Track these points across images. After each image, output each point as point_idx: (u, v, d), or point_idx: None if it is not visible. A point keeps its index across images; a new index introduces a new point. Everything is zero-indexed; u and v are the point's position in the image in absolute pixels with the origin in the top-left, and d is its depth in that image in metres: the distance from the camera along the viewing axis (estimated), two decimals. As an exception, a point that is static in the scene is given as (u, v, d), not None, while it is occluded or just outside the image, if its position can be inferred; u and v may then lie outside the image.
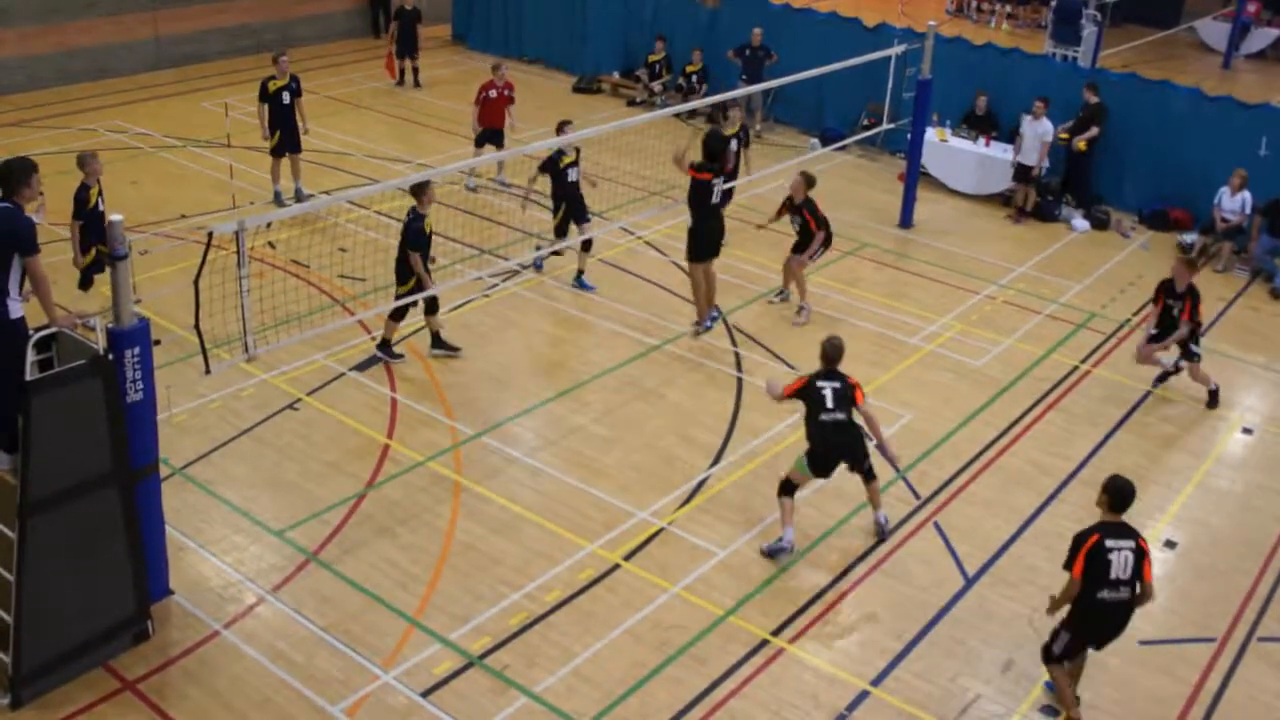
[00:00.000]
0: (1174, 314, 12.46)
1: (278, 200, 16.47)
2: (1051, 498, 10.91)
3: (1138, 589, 7.90)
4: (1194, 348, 12.59)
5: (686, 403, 12.16)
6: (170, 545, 9.12)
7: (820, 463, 9.80)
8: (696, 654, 8.74)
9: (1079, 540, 7.90)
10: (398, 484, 10.59)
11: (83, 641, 8.18)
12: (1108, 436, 11.99)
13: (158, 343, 8.43)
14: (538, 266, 14.92)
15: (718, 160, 12.78)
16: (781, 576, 9.63)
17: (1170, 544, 10.38)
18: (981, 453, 11.56)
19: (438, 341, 12.67)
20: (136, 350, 8.13)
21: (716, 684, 8.47)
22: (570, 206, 14.29)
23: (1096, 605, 7.87)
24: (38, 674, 7.97)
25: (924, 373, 12.99)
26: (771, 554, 9.82)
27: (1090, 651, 8.28)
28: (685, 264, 13.41)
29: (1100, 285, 15.64)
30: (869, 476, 10.03)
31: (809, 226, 13.83)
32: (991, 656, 8.88)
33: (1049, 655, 8.24)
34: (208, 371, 8.96)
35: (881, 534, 10.14)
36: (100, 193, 12.65)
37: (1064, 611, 8.11)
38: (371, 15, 26.88)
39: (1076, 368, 13.35)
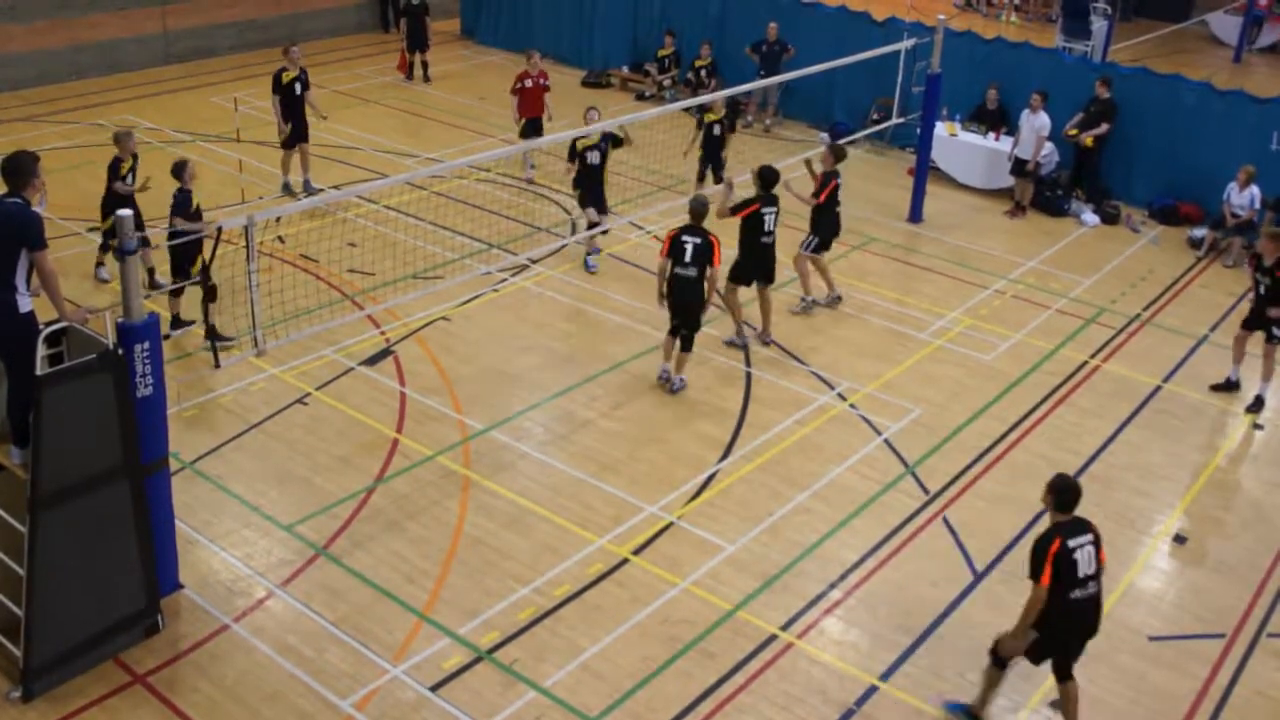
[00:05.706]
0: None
1: (287, 191, 16.68)
2: (1061, 493, 10.87)
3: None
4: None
5: (695, 397, 12.15)
6: (180, 539, 9.16)
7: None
8: (705, 649, 8.74)
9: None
10: (407, 478, 10.60)
11: (93, 635, 8.22)
12: (1118, 431, 11.96)
13: (167, 337, 8.46)
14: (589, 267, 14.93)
15: (770, 187, 12.74)
16: (790, 571, 9.63)
17: (1180, 539, 10.36)
18: (991, 447, 11.54)
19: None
20: (146, 345, 8.15)
21: (725, 679, 8.48)
22: (589, 191, 14.87)
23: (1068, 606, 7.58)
24: (49, 667, 8.01)
25: (933, 367, 12.97)
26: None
27: (1099, 646, 8.21)
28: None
29: (1110, 280, 15.59)
30: (689, 345, 11.89)
31: None
32: (1000, 652, 8.85)
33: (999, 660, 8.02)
34: (217, 366, 8.99)
35: (670, 385, 11.98)
36: (133, 168, 13.35)
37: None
38: (381, 10, 26.91)
39: (1086, 362, 13.32)
